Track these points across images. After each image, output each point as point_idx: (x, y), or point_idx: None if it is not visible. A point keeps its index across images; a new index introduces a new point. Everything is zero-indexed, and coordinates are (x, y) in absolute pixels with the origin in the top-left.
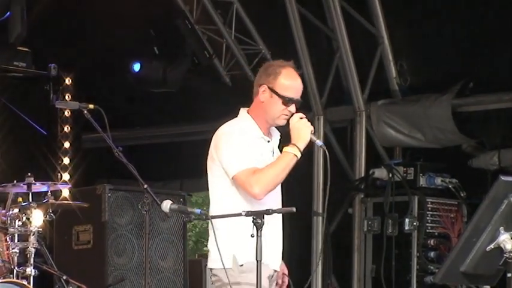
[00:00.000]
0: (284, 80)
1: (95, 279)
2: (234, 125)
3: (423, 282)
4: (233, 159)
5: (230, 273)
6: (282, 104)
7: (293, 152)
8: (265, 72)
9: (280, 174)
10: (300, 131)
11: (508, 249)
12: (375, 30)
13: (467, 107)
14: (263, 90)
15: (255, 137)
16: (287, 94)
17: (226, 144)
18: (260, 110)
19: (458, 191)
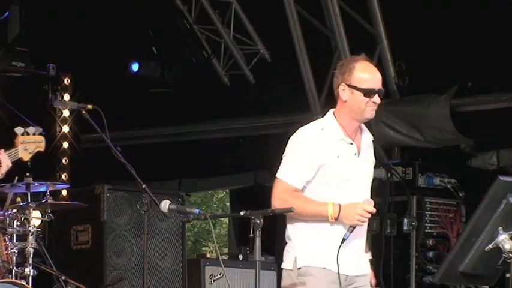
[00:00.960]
0: (359, 73)
1: (94, 279)
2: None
3: (422, 282)
4: (290, 167)
5: (290, 274)
6: (365, 97)
7: (330, 213)
8: (340, 71)
9: (306, 215)
10: (350, 217)
11: (507, 249)
12: (374, 30)
13: (465, 107)
14: (343, 89)
15: (333, 140)
16: (366, 86)
17: (291, 149)
18: (345, 109)
19: (457, 191)
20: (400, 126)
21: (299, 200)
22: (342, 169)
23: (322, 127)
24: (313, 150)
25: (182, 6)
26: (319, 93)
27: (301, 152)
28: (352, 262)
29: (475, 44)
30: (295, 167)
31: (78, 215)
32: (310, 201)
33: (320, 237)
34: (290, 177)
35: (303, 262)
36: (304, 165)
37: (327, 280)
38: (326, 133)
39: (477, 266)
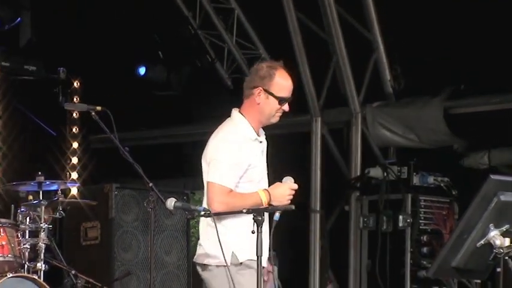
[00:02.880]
0: (279, 81)
1: (102, 274)
2: (233, 133)
3: (416, 276)
4: (221, 170)
5: (228, 269)
6: (278, 104)
7: (263, 199)
8: (258, 75)
9: (245, 206)
10: (281, 197)
11: (498, 245)
12: (370, 36)
13: (458, 109)
14: (258, 93)
15: (250, 140)
16: (282, 94)
17: (222, 153)
18: (255, 111)
19: (450, 189)
20: (396, 128)
21: (236, 198)
22: (260, 166)
23: (239, 129)
24: (240, 152)
25: (187, 13)
26: (318, 95)
27: (231, 155)
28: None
29: (468, 49)
30: (227, 170)
31: (87, 213)
32: (245, 196)
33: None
34: (224, 180)
35: (244, 256)
36: (235, 167)
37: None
38: (244, 134)
39: (469, 261)
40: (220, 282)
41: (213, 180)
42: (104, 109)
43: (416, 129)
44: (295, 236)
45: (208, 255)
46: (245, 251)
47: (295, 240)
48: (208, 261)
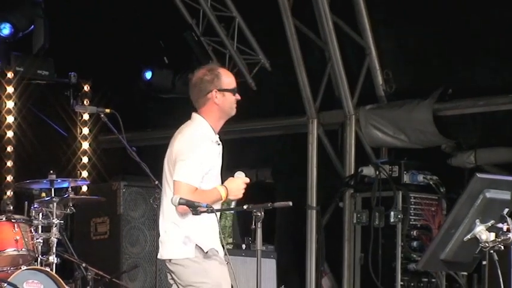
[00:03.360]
0: (225, 77)
1: (111, 267)
2: (197, 135)
3: (407, 269)
4: (187, 169)
5: (194, 261)
6: (233, 96)
7: (222, 194)
8: (205, 82)
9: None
10: (237, 191)
11: (483, 239)
12: (363, 42)
13: (446, 111)
14: (214, 95)
15: (211, 141)
16: (232, 86)
17: (189, 153)
18: (215, 111)
19: (438, 187)
20: (387, 129)
21: (201, 195)
22: (218, 166)
23: (201, 131)
24: (205, 153)
25: (191, 20)
26: (314, 98)
27: (196, 156)
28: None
29: (455, 55)
30: (193, 170)
31: (97, 209)
32: (207, 193)
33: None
34: (191, 179)
35: (207, 246)
36: (200, 166)
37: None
38: (206, 136)
39: (456, 255)
40: (190, 272)
41: (180, 179)
42: (112, 111)
43: (406, 130)
44: (294, 231)
45: (174, 251)
46: (208, 242)
47: (294, 235)
48: (175, 256)
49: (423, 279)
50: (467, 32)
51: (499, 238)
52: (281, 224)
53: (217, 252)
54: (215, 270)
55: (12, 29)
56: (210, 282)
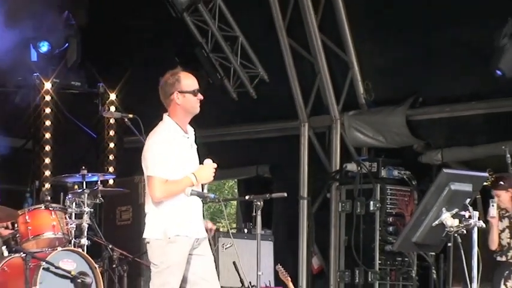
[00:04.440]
0: (185, 81)
1: (133, 248)
2: (161, 134)
3: (384, 250)
4: (156, 165)
5: (160, 242)
6: (194, 96)
7: (193, 181)
8: (168, 85)
9: (179, 191)
10: (206, 176)
11: (449, 225)
12: (347, 58)
13: (417, 116)
14: (176, 96)
15: (179, 136)
16: (193, 88)
17: (154, 151)
18: (180, 111)
19: (410, 181)
20: (367, 131)
21: (172, 185)
22: (186, 156)
23: (168, 129)
24: (170, 148)
25: (201, 39)
26: (305, 105)
27: (163, 152)
28: (198, 226)
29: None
30: (162, 164)
31: (121, 199)
32: (178, 182)
33: (179, 210)
34: (161, 172)
35: (172, 232)
36: (168, 161)
37: (187, 244)
38: (172, 133)
39: (426, 238)
40: (154, 251)
41: (150, 174)
42: (134, 116)
43: (383, 133)
44: (288, 217)
45: (147, 231)
46: (174, 229)
47: (288, 221)
48: (147, 236)
49: (398, 258)
50: (434, 49)
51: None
52: (277, 212)
53: (185, 239)
54: (173, 254)
55: (50, 47)
56: (164, 263)
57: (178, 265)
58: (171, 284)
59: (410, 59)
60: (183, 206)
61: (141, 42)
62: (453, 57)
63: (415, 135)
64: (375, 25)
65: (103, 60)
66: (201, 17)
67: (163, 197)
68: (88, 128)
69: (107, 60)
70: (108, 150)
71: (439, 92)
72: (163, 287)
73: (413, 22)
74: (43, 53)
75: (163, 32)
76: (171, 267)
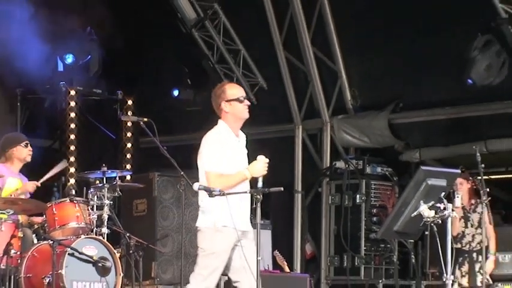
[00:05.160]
0: (230, 90)
1: (148, 236)
2: (215, 135)
3: (369, 237)
4: (211, 161)
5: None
6: (240, 103)
7: (246, 175)
8: (216, 96)
9: (234, 184)
10: (259, 170)
11: (426, 215)
12: (336, 68)
13: (398, 120)
14: (224, 105)
15: (230, 139)
16: (238, 96)
17: (209, 149)
18: (230, 117)
19: (392, 176)
20: (354, 133)
21: (227, 178)
22: (237, 157)
23: (221, 132)
24: (222, 148)
25: (207, 52)
26: (299, 110)
27: (217, 150)
28: (245, 219)
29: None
30: (216, 161)
31: (137, 193)
32: (231, 175)
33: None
34: (216, 167)
35: (220, 223)
36: (221, 158)
37: (233, 235)
38: (224, 135)
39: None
40: (203, 238)
41: (207, 169)
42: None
43: (368, 134)
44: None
45: (200, 221)
46: (222, 220)
47: (284, 212)
48: (199, 224)
49: (381, 245)
50: (413, 61)
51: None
52: (275, 204)
53: (229, 229)
54: (219, 242)
55: (74, 58)
56: (210, 249)
57: (223, 252)
58: (213, 268)
59: (392, 70)
60: (233, 200)
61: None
62: (429, 68)
63: (396, 136)
64: (360, 39)
65: (121, 71)
66: (208, 33)
67: (218, 187)
68: (108, 130)
69: (124, 70)
70: (126, 149)
71: (417, 99)
72: (206, 269)
73: (395, 37)
74: (68, 64)
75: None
76: (215, 254)
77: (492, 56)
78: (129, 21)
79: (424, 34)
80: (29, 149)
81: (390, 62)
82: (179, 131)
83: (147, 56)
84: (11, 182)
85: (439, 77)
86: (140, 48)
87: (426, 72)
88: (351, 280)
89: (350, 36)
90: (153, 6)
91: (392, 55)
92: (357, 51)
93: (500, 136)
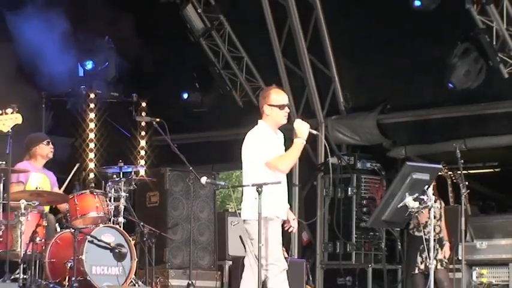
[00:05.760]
0: (274, 96)
1: (160, 224)
2: (258, 133)
3: (359, 226)
4: (264, 152)
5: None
6: (280, 110)
7: (301, 141)
8: (262, 97)
9: (296, 156)
10: (301, 129)
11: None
12: (330, 73)
13: (386, 120)
14: (266, 108)
15: (271, 136)
16: (280, 103)
17: (257, 144)
18: (269, 120)
19: (380, 171)
20: (346, 132)
21: (287, 154)
22: (281, 149)
23: (262, 130)
24: (265, 142)
25: (214, 59)
26: (297, 111)
27: (262, 143)
28: (285, 209)
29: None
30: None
31: (151, 186)
32: (289, 151)
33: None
34: (268, 155)
35: (266, 213)
36: (265, 149)
37: (278, 224)
38: (265, 132)
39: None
40: (253, 229)
41: (266, 161)
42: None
43: (359, 133)
44: None
45: (247, 213)
46: (269, 210)
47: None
48: (247, 217)
49: (370, 233)
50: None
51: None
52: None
53: (277, 219)
54: (268, 232)
55: (94, 65)
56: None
57: (274, 240)
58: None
59: (380, 75)
60: (276, 192)
61: (166, 61)
62: (414, 73)
63: (384, 135)
64: (352, 48)
65: (136, 76)
66: (214, 42)
67: (287, 167)
68: (124, 129)
69: (139, 75)
70: (140, 147)
71: (403, 101)
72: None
73: (383, 46)
74: (88, 70)
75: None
76: (273, 240)
77: (470, 63)
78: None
79: (410, 43)
80: (50, 147)
81: (379, 68)
82: (188, 130)
83: (159, 63)
84: (35, 177)
85: (423, 82)
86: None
87: (411, 77)
88: (343, 265)
89: (342, 45)
90: (165, 18)
91: (380, 62)
92: (348, 58)
93: (478, 135)
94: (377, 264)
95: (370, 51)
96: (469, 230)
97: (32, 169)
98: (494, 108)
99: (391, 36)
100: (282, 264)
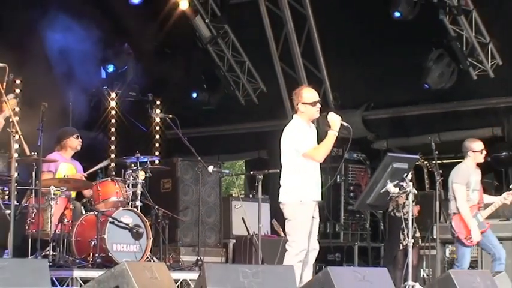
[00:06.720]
0: (306, 94)
1: (172, 208)
2: (295, 126)
3: (347, 209)
4: (301, 144)
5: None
6: (312, 106)
7: (334, 133)
8: (295, 96)
9: (329, 147)
10: (334, 121)
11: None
12: (321, 76)
13: (370, 116)
14: (299, 106)
15: (305, 129)
16: (311, 100)
17: (295, 136)
18: (302, 115)
19: (365, 161)
20: None
21: (321, 145)
22: (315, 141)
23: (297, 123)
24: (300, 134)
25: (219, 63)
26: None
27: (300, 135)
28: (318, 191)
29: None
30: (303, 142)
31: (164, 174)
32: (323, 142)
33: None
34: (306, 146)
35: (302, 197)
36: (305, 139)
37: (312, 206)
38: (299, 126)
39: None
40: (288, 211)
41: (304, 152)
42: (173, 117)
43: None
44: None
45: (282, 196)
46: (304, 194)
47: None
48: (284, 200)
49: (356, 215)
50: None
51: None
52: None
53: (311, 202)
54: (302, 214)
55: (114, 68)
56: (296, 220)
57: (306, 222)
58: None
59: (365, 77)
60: (311, 176)
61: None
62: (394, 75)
63: (368, 129)
64: (340, 53)
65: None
66: (220, 48)
67: (322, 157)
68: (140, 124)
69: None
70: (155, 140)
71: (385, 100)
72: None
73: (368, 51)
74: (109, 72)
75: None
76: (301, 223)
77: (444, 66)
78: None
79: (390, 48)
80: (79, 140)
81: (363, 71)
82: (197, 125)
83: (172, 66)
84: (63, 166)
85: (402, 83)
86: (167, 60)
87: (392, 79)
88: (333, 243)
89: (332, 51)
90: (177, 27)
91: (365, 65)
92: (337, 62)
93: (451, 129)
94: (362, 242)
95: (356, 57)
96: (443, 212)
97: (61, 159)
98: (465, 106)
99: (375, 43)
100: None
